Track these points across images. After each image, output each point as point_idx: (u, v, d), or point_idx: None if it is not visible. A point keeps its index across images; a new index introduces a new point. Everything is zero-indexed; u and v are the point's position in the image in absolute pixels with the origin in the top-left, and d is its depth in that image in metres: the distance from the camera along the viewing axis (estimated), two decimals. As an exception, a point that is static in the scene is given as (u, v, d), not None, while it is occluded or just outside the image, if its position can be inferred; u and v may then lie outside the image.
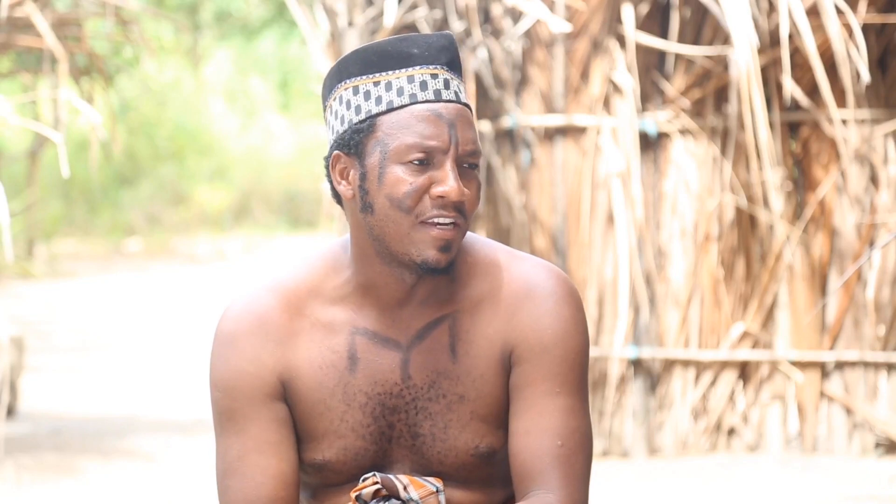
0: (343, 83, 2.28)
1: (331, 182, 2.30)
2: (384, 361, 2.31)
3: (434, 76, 2.26)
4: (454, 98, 2.26)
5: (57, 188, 17.88)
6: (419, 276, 2.29)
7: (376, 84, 2.26)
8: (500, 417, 2.33)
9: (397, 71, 2.26)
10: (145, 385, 8.74)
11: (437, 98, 2.25)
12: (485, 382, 2.31)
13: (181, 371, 9.22)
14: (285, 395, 2.32)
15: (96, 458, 6.36)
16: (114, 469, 6.12)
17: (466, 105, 2.28)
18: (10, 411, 7.25)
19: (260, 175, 20.14)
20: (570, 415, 2.30)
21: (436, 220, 2.23)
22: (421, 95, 2.24)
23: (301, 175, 19.90)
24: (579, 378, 2.32)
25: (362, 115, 2.26)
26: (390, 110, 2.25)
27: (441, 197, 2.23)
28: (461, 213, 2.25)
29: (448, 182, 2.23)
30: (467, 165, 2.26)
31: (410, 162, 2.23)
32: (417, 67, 2.26)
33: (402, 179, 2.23)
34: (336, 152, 2.28)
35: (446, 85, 2.26)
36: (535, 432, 2.28)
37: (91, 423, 7.30)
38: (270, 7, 15.71)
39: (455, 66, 2.28)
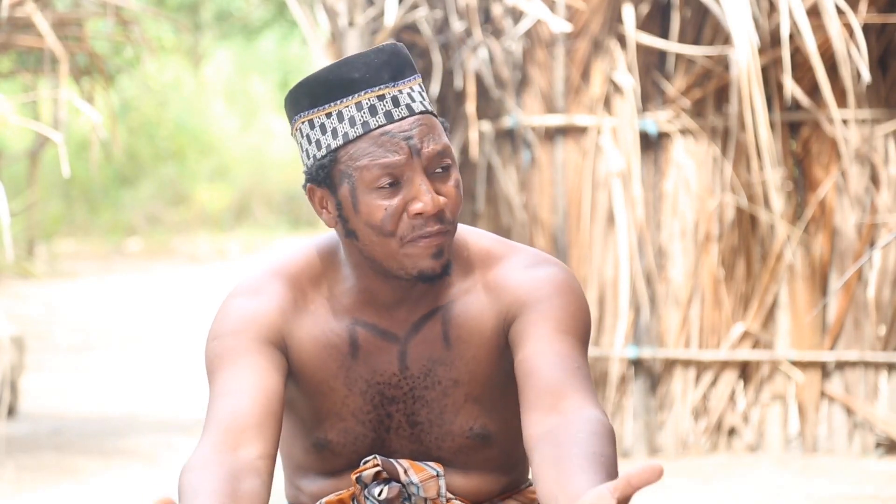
0: (299, 116, 2.28)
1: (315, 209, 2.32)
2: (383, 353, 2.33)
3: (381, 98, 2.23)
4: (406, 112, 2.24)
5: (57, 188, 17.88)
6: (415, 283, 2.30)
7: (329, 116, 2.25)
8: (495, 399, 2.34)
9: (344, 100, 2.24)
10: (145, 385, 8.74)
11: (389, 119, 2.23)
12: (478, 363, 2.32)
13: (181, 371, 9.22)
14: (286, 351, 2.31)
15: (96, 458, 6.36)
16: (114, 469, 6.12)
17: (424, 110, 2.25)
18: (11, 411, 7.25)
19: (260, 175, 20.14)
20: (575, 350, 2.26)
21: (420, 236, 2.23)
22: (373, 122, 2.23)
23: (301, 175, 19.86)
24: (581, 329, 2.29)
25: (323, 150, 2.26)
26: (347, 143, 2.24)
27: (419, 214, 2.22)
28: (444, 220, 2.24)
29: (421, 198, 2.22)
30: (440, 169, 2.25)
31: (380, 188, 2.22)
32: (362, 92, 2.24)
33: (377, 206, 2.23)
34: (310, 185, 2.29)
35: (395, 102, 2.24)
36: (549, 354, 2.24)
37: (91, 423, 7.30)
38: (271, 7, 15.70)
39: (402, 74, 2.25)
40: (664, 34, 6.01)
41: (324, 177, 2.26)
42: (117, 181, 19.28)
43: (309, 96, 2.26)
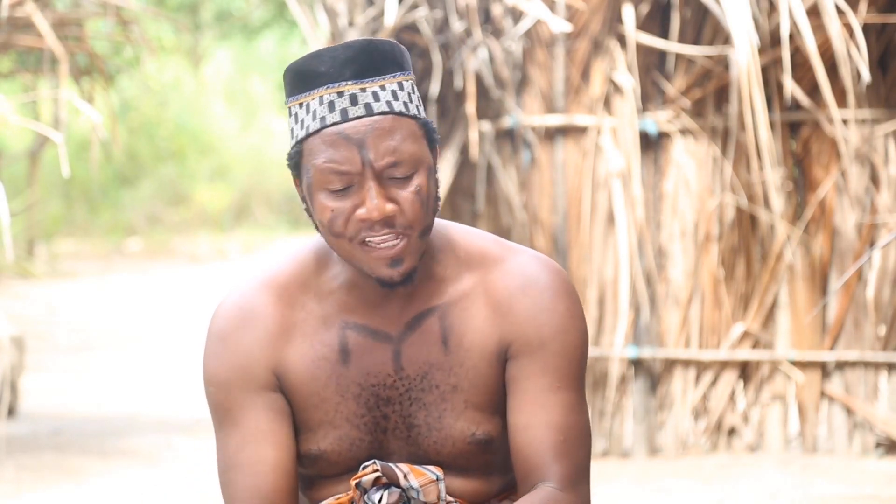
0: (287, 101, 2.28)
1: None
2: (376, 354, 2.31)
3: (340, 94, 2.20)
4: (363, 112, 2.19)
5: (57, 188, 17.88)
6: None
7: (300, 106, 2.23)
8: (496, 405, 2.33)
9: (311, 92, 2.22)
10: (146, 385, 8.74)
11: (344, 118, 2.19)
12: (478, 373, 2.31)
13: (181, 371, 9.22)
14: (280, 386, 2.32)
15: (96, 458, 6.35)
16: (114, 469, 6.12)
17: (388, 111, 2.20)
18: (11, 411, 7.25)
19: (260, 175, 20.14)
20: (571, 410, 2.30)
21: (369, 241, 2.21)
22: (329, 118, 2.20)
23: (301, 175, 19.89)
24: (578, 372, 2.32)
25: (293, 140, 2.25)
26: (308, 136, 2.22)
27: (363, 220, 2.20)
28: (399, 225, 2.21)
29: (366, 204, 2.19)
30: (398, 177, 2.20)
31: (330, 189, 2.20)
32: (324, 87, 2.21)
33: (326, 207, 2.21)
34: (292, 172, 2.29)
35: (353, 101, 2.20)
36: (537, 427, 2.28)
37: (91, 423, 7.30)
38: (271, 7, 15.70)
39: (373, 71, 2.21)
40: (664, 34, 6.01)
41: (293, 166, 2.25)
42: (117, 181, 19.28)
43: (289, 84, 2.25)
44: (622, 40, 6.01)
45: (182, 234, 18.82)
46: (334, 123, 2.19)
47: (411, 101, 2.24)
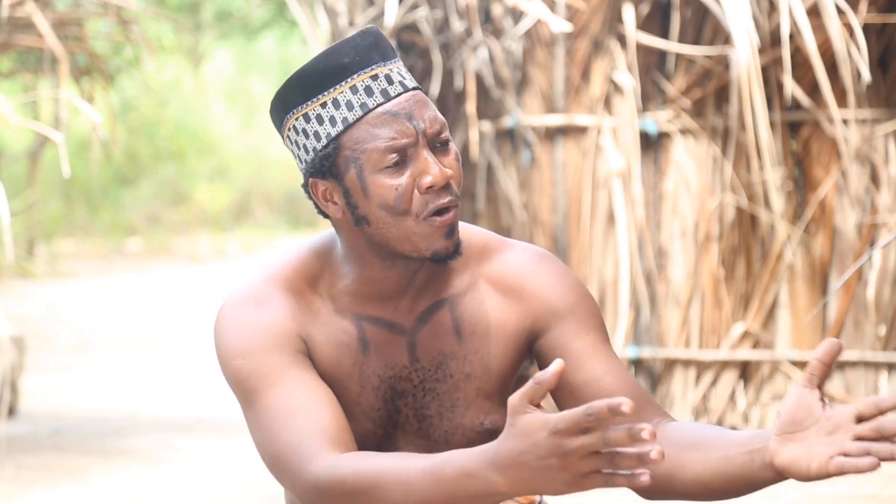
0: (291, 114, 2.27)
1: (316, 206, 2.30)
2: (392, 345, 2.32)
3: (374, 77, 2.24)
4: (402, 89, 2.25)
5: (57, 188, 17.87)
6: (424, 265, 2.30)
7: (324, 106, 2.24)
8: (505, 394, 2.34)
9: (338, 86, 2.24)
10: (146, 385, 8.73)
11: (387, 98, 2.23)
12: (492, 359, 2.33)
13: (182, 371, 9.22)
14: (310, 356, 2.30)
15: (97, 458, 6.35)
16: (114, 469, 6.12)
17: (416, 86, 2.27)
18: (11, 411, 7.24)
19: (260, 175, 20.14)
20: (620, 362, 2.34)
21: (436, 210, 2.23)
22: (371, 102, 2.23)
23: (301, 175, 19.91)
24: (607, 336, 2.35)
25: (324, 140, 2.24)
26: (348, 127, 2.23)
27: (431, 187, 2.22)
28: (454, 192, 2.25)
29: (431, 171, 2.22)
30: (440, 143, 2.25)
31: (387, 167, 2.22)
32: (355, 76, 2.24)
33: (388, 185, 2.22)
34: (312, 179, 2.28)
35: (389, 80, 2.24)
36: (614, 372, 2.29)
37: (91, 423, 7.30)
38: (271, 7, 15.71)
39: (388, 55, 2.27)
40: (664, 34, 6.01)
41: (328, 167, 2.25)
42: (117, 181, 19.28)
43: (300, 91, 2.25)
44: (622, 40, 6.02)
45: (182, 234, 18.82)
46: (379, 105, 2.23)
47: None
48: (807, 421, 2.02)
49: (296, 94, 2.25)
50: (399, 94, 2.24)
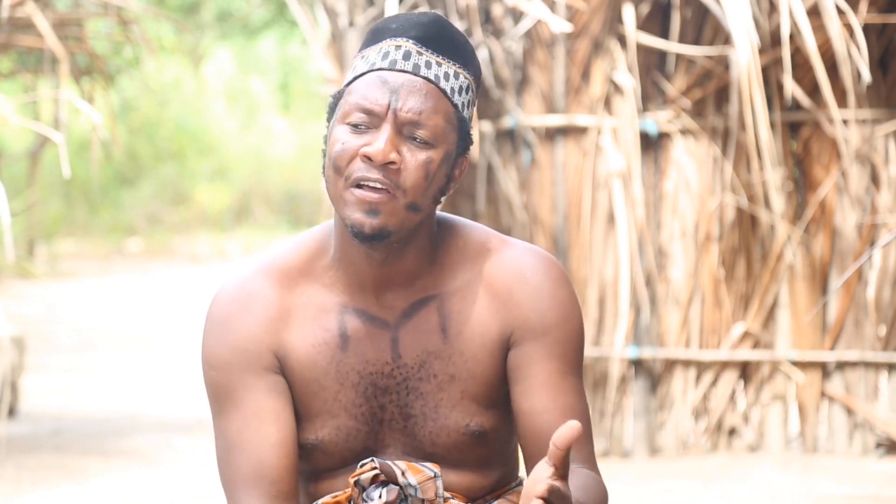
0: (354, 59, 2.35)
1: None
2: (374, 340, 2.31)
3: (397, 47, 2.27)
4: (410, 69, 2.25)
5: (57, 188, 17.87)
6: (400, 254, 2.29)
7: (362, 58, 2.30)
8: (492, 397, 2.34)
9: (375, 45, 2.29)
10: (146, 385, 8.74)
11: (392, 67, 2.25)
12: (477, 363, 2.32)
13: (182, 371, 9.22)
14: (281, 369, 2.33)
15: (97, 458, 6.35)
16: (114, 469, 6.12)
17: (431, 80, 2.26)
18: (11, 411, 7.25)
19: (260, 175, 20.14)
20: (579, 394, 2.33)
21: (360, 181, 2.22)
22: (378, 63, 2.27)
23: (301, 175, 19.90)
24: (580, 359, 2.35)
25: (342, 87, 2.31)
26: (355, 78, 2.28)
27: (367, 157, 2.22)
28: (393, 181, 2.22)
29: (376, 144, 2.22)
30: (415, 139, 2.24)
31: (351, 124, 2.24)
32: (388, 40, 2.28)
33: (338, 139, 2.25)
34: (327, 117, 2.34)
35: (406, 56, 2.26)
36: (552, 410, 2.29)
37: (91, 423, 7.30)
38: (271, 7, 15.71)
39: (430, 42, 2.27)
40: (664, 34, 6.01)
41: (330, 108, 2.31)
42: (117, 181, 19.28)
43: (364, 39, 2.33)
44: (622, 40, 6.01)
45: (182, 234, 18.82)
46: (381, 69, 2.26)
47: (458, 95, 2.28)
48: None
49: (362, 41, 2.36)
50: (403, 70, 2.25)
